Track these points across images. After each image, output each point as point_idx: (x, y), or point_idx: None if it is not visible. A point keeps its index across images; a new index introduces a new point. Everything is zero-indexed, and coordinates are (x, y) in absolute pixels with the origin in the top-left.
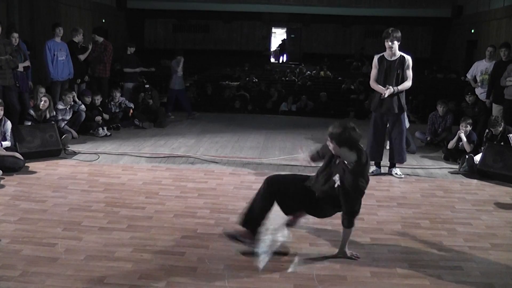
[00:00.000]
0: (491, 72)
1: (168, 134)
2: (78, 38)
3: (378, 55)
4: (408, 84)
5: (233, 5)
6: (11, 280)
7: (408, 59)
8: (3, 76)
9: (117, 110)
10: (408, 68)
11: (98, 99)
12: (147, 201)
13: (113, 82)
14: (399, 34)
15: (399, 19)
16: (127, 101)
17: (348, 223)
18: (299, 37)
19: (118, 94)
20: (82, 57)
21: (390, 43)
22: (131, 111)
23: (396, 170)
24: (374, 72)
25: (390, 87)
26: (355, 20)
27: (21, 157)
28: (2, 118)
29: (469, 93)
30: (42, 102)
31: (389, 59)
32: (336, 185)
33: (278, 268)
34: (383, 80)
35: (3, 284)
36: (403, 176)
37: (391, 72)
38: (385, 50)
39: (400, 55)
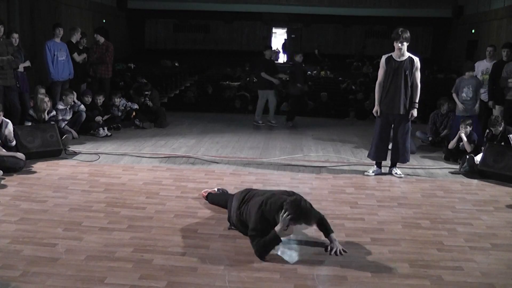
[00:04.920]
0: (490, 72)
1: (168, 134)
2: (75, 38)
3: (386, 56)
4: (418, 88)
5: (233, 5)
6: (11, 280)
7: (417, 61)
8: (4, 76)
9: (119, 114)
10: (417, 70)
11: (101, 99)
12: (148, 201)
13: (114, 84)
14: (408, 34)
15: (399, 19)
16: (130, 103)
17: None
18: (299, 37)
19: (118, 99)
20: (77, 57)
21: (400, 45)
22: (134, 113)
23: (397, 170)
24: (381, 72)
25: (413, 113)
26: (356, 20)
27: (23, 157)
28: (2, 121)
29: None
30: (43, 104)
31: (398, 59)
32: None
33: (279, 268)
34: (391, 81)
35: (3, 284)
36: (403, 176)
37: (399, 73)
38: (388, 51)
39: (409, 56)
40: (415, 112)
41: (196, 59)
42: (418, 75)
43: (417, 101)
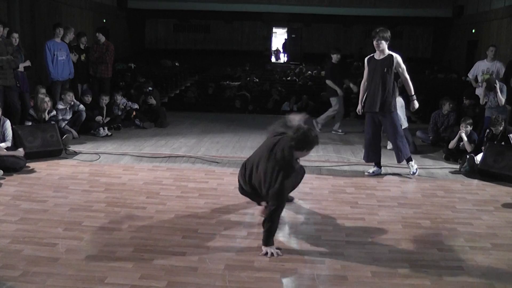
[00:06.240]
0: (504, 72)
1: (169, 134)
2: (68, 38)
3: (368, 56)
4: (408, 81)
5: (234, 5)
6: (12, 280)
7: (396, 57)
8: (4, 76)
9: (119, 113)
10: (399, 65)
11: (106, 100)
12: (148, 201)
13: (114, 84)
14: (387, 34)
15: (399, 19)
16: (130, 103)
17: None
18: (299, 37)
19: (120, 97)
20: (72, 57)
21: (377, 42)
22: (134, 112)
23: (411, 166)
24: (364, 72)
25: (413, 105)
26: (356, 20)
27: (23, 153)
28: (0, 118)
29: (464, 97)
30: (44, 104)
31: (377, 58)
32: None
33: (279, 268)
34: (371, 79)
35: (4, 284)
36: (416, 171)
37: (377, 71)
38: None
39: (388, 54)
40: (415, 104)
41: (196, 59)
42: (402, 68)
43: (412, 93)
